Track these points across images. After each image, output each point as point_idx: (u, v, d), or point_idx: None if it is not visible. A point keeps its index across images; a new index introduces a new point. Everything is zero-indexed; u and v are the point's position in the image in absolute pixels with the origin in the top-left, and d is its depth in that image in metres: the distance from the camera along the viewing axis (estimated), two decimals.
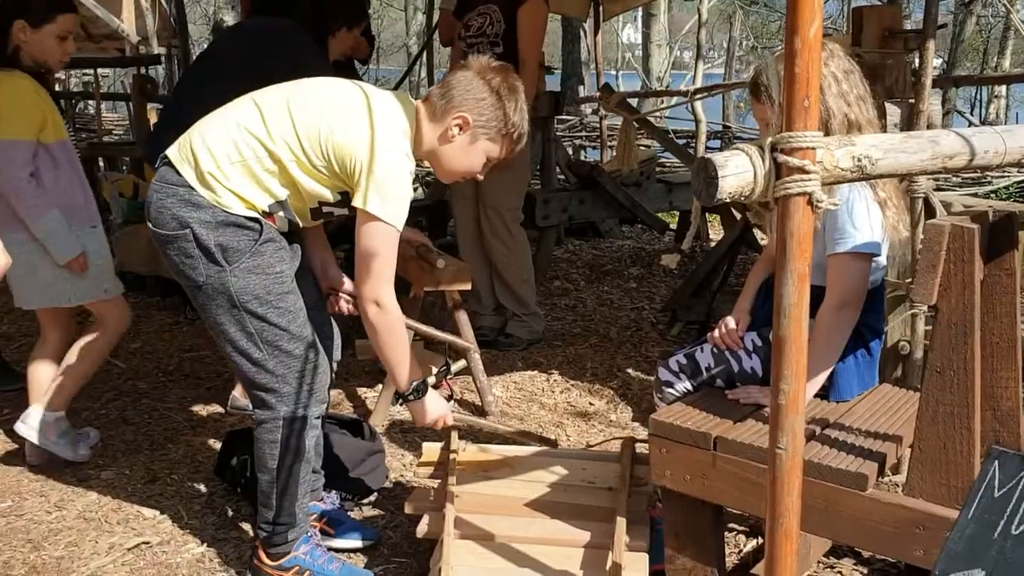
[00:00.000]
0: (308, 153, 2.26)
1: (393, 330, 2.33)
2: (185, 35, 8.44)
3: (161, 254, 2.38)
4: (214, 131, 2.31)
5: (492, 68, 2.37)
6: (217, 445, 3.26)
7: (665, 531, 2.24)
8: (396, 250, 2.29)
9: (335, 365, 2.69)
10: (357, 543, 2.70)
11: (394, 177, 2.24)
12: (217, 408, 3.80)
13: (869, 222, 2.17)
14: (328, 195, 2.34)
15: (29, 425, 3.17)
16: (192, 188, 2.27)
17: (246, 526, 2.83)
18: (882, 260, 2.30)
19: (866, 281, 2.22)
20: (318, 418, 2.47)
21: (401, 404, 2.49)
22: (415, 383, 2.42)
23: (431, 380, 2.51)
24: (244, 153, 2.27)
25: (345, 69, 4.07)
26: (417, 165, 2.36)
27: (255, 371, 2.37)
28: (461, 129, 2.33)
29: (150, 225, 2.34)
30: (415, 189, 6.85)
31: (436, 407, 2.49)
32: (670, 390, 2.45)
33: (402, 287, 2.65)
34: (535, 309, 4.64)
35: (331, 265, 2.70)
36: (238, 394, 3.65)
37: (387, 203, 2.23)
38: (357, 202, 2.25)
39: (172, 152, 2.35)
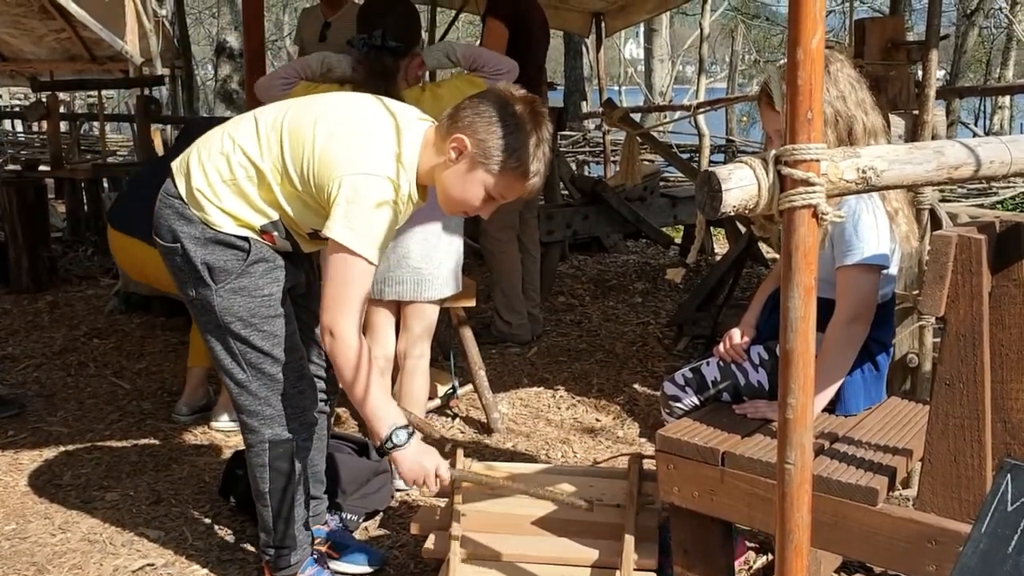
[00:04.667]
0: (292, 176, 2.15)
1: (351, 365, 2.09)
2: (188, 56, 8.49)
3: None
4: (211, 147, 2.26)
5: (516, 96, 2.13)
6: (222, 465, 3.25)
7: (674, 548, 2.21)
8: (366, 283, 2.10)
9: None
10: (363, 567, 2.67)
11: (367, 204, 2.05)
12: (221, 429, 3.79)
13: (877, 233, 2.15)
14: (315, 223, 2.21)
15: None
16: (185, 202, 2.25)
17: (251, 547, 2.80)
18: (893, 271, 2.28)
19: (875, 294, 2.20)
20: (306, 440, 2.42)
21: (380, 458, 2.29)
22: (392, 430, 2.14)
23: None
24: (236, 172, 2.21)
25: None
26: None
27: (238, 391, 2.34)
28: (460, 154, 2.11)
29: (153, 234, 2.34)
30: None
31: (425, 455, 2.17)
32: (677, 404, 2.43)
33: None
34: (509, 319, 4.84)
35: None
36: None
37: (356, 232, 2.05)
38: (325, 229, 2.09)
39: (175, 163, 2.33)
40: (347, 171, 2.07)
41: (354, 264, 2.07)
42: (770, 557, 2.66)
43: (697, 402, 2.42)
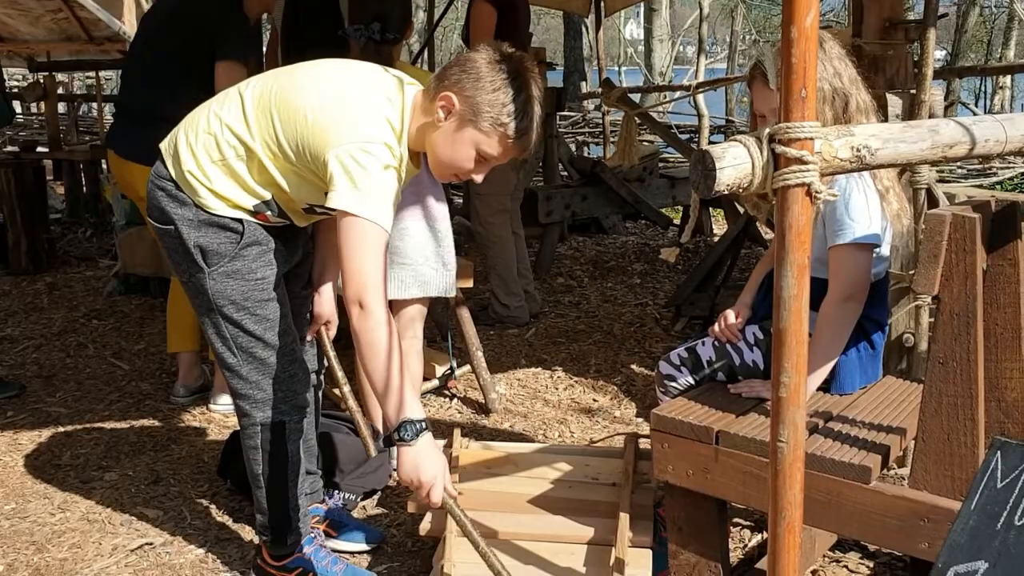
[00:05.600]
0: (285, 149, 2.12)
1: (376, 341, 1.99)
2: None
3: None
4: (198, 127, 2.23)
5: (505, 54, 2.08)
6: (220, 445, 3.26)
7: (668, 526, 2.23)
8: (382, 249, 2.04)
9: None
10: (361, 545, 2.69)
11: (369, 168, 2.01)
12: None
13: (868, 212, 2.15)
14: (312, 197, 2.19)
15: None
16: (178, 184, 2.23)
17: (249, 526, 2.82)
18: (885, 250, 2.28)
19: (869, 272, 2.20)
20: (299, 422, 2.41)
21: (385, 447, 2.09)
22: (403, 422, 2.00)
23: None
24: (225, 152, 2.18)
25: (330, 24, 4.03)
26: None
27: (229, 375, 2.33)
28: (448, 113, 2.06)
29: (147, 215, 2.33)
30: None
31: (426, 464, 2.02)
32: (672, 384, 2.44)
33: None
34: (507, 301, 4.85)
35: (329, 295, 2.53)
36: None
37: (362, 198, 2.00)
38: (328, 200, 2.03)
39: (163, 144, 2.31)
40: (344, 139, 2.03)
41: (369, 230, 2.01)
42: (764, 535, 2.67)
43: (692, 381, 2.42)
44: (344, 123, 2.05)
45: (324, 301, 2.52)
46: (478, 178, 2.18)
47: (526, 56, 2.14)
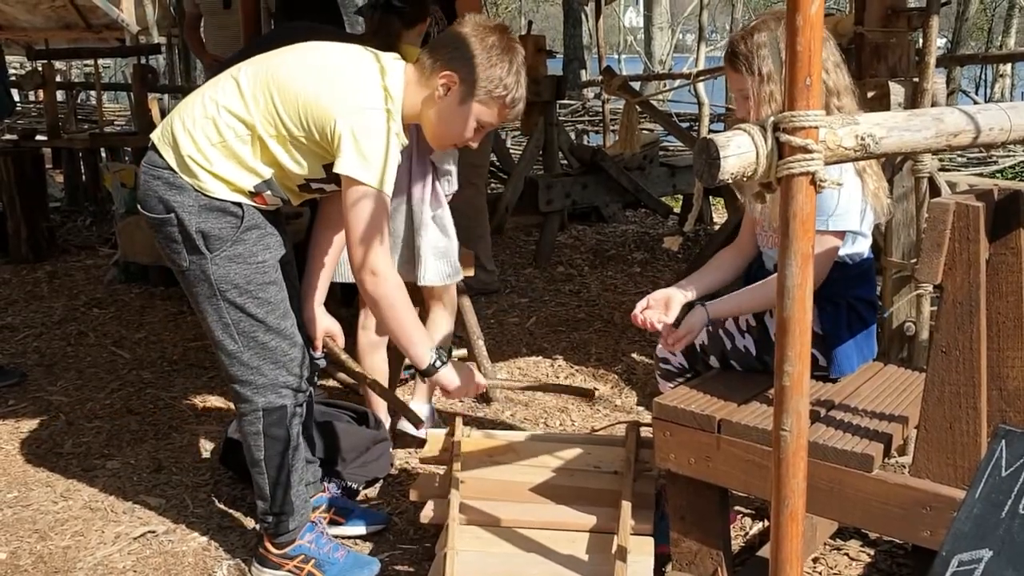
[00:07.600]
0: (287, 124, 2.18)
1: (394, 300, 2.20)
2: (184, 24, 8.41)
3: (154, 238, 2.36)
4: (194, 112, 2.25)
5: (488, 27, 2.24)
6: (222, 434, 3.26)
7: (670, 514, 2.23)
8: (386, 215, 2.16)
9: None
10: (369, 528, 2.71)
11: (373, 136, 2.12)
12: (222, 397, 3.80)
13: (837, 198, 2.14)
14: (311, 170, 2.25)
15: None
16: (175, 171, 2.24)
17: (251, 515, 2.82)
18: (865, 229, 2.27)
19: (832, 259, 2.20)
20: (299, 407, 2.42)
21: (424, 380, 2.36)
22: (433, 354, 2.28)
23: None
24: (224, 134, 2.21)
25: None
26: None
27: (229, 362, 2.34)
28: (449, 89, 2.21)
29: (140, 208, 2.33)
30: None
31: (464, 374, 2.35)
32: (666, 366, 2.49)
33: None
34: (492, 267, 4.99)
35: (319, 299, 2.52)
36: None
37: (367, 164, 2.11)
38: (336, 167, 2.13)
39: (155, 134, 2.32)
40: (346, 108, 2.13)
41: (373, 197, 2.12)
42: (765, 523, 2.68)
43: (685, 363, 2.44)
44: (346, 95, 2.15)
45: (324, 317, 2.53)
46: (474, 144, 2.34)
47: (508, 27, 2.30)
